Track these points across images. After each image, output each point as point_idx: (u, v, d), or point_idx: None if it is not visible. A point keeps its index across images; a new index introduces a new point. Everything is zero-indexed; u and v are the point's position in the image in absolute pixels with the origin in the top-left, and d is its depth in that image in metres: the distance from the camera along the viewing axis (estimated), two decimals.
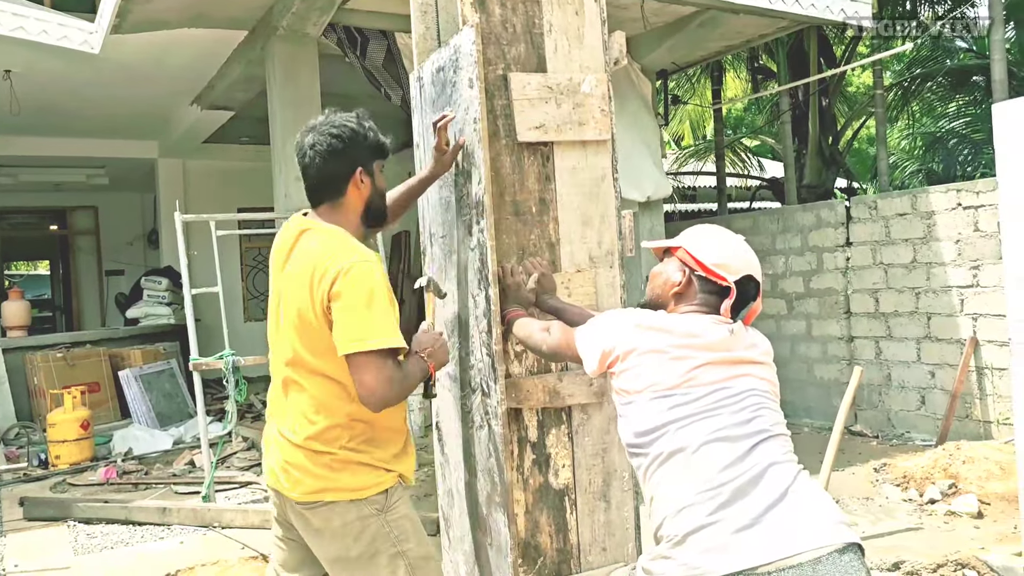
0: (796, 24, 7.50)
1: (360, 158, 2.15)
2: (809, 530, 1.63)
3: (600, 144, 2.40)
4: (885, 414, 7.12)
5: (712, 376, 1.77)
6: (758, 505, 1.65)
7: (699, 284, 1.89)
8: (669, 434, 1.74)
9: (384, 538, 2.10)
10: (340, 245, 2.07)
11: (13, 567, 4.57)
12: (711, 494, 1.66)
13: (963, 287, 6.49)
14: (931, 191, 6.77)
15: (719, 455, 1.70)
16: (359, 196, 2.17)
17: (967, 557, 4.01)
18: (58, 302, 15.49)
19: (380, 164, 2.21)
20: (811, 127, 10.17)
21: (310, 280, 2.03)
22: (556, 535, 2.37)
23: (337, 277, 1.99)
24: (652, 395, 1.77)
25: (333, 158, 2.14)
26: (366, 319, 1.98)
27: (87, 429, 7.06)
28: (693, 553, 1.64)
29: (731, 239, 1.95)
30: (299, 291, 2.07)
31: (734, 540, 1.62)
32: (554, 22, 2.36)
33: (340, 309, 1.99)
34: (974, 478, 5.08)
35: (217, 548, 4.67)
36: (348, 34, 6.62)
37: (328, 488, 2.08)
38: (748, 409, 1.76)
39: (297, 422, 2.12)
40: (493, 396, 2.26)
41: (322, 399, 2.10)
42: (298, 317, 2.08)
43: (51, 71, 7.34)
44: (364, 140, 2.16)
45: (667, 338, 1.80)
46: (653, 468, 1.76)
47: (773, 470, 1.70)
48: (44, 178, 11.54)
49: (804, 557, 1.59)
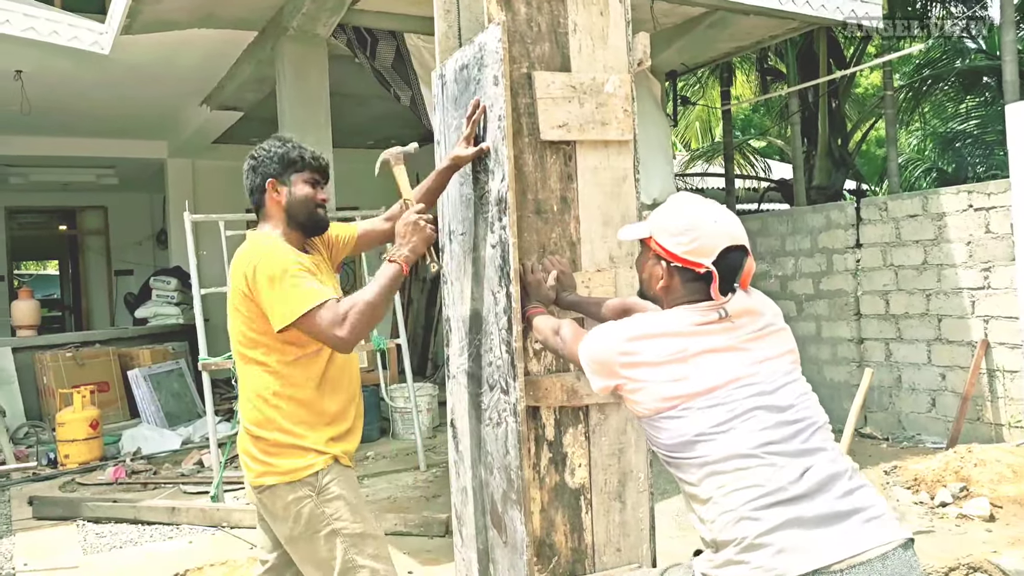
0: (806, 25, 7.48)
1: (271, 171, 2.43)
2: (874, 526, 1.63)
3: (622, 144, 2.39)
4: (895, 416, 7.10)
5: (729, 369, 1.74)
6: (824, 503, 1.64)
7: (680, 274, 1.83)
8: (711, 442, 1.70)
9: (319, 518, 2.29)
10: (253, 245, 2.37)
11: (23, 566, 4.57)
12: (776, 496, 1.64)
13: (974, 289, 6.47)
14: (942, 192, 6.75)
15: (774, 455, 1.67)
16: (277, 204, 2.43)
17: (979, 561, 3.98)
18: (67, 302, 15.56)
19: (303, 176, 2.44)
20: (820, 128, 10.16)
21: (235, 279, 2.33)
22: (571, 534, 2.36)
23: (250, 271, 2.26)
24: (675, 408, 1.73)
25: (250, 174, 2.47)
26: (284, 294, 2.21)
27: (96, 428, 7.07)
28: (767, 556, 1.62)
29: (698, 216, 1.83)
30: (231, 289, 2.36)
31: (805, 540, 1.61)
32: (579, 22, 2.36)
33: (262, 297, 2.24)
34: (986, 481, 5.05)
35: (226, 548, 4.67)
36: (358, 34, 6.62)
37: (268, 472, 2.31)
38: (786, 398, 1.74)
39: (243, 409, 2.39)
40: (512, 393, 2.25)
41: (255, 386, 2.34)
42: (232, 311, 2.36)
43: (61, 71, 7.37)
44: (274, 156, 2.44)
45: (664, 344, 1.76)
46: (702, 476, 1.71)
47: (830, 466, 1.69)
48: (54, 178, 11.60)
49: (872, 554, 1.60)
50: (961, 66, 11.52)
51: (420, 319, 10.90)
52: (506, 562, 2.37)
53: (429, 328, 10.69)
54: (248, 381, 2.37)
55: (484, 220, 2.39)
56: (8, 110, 8.17)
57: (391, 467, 6.31)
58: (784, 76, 11.26)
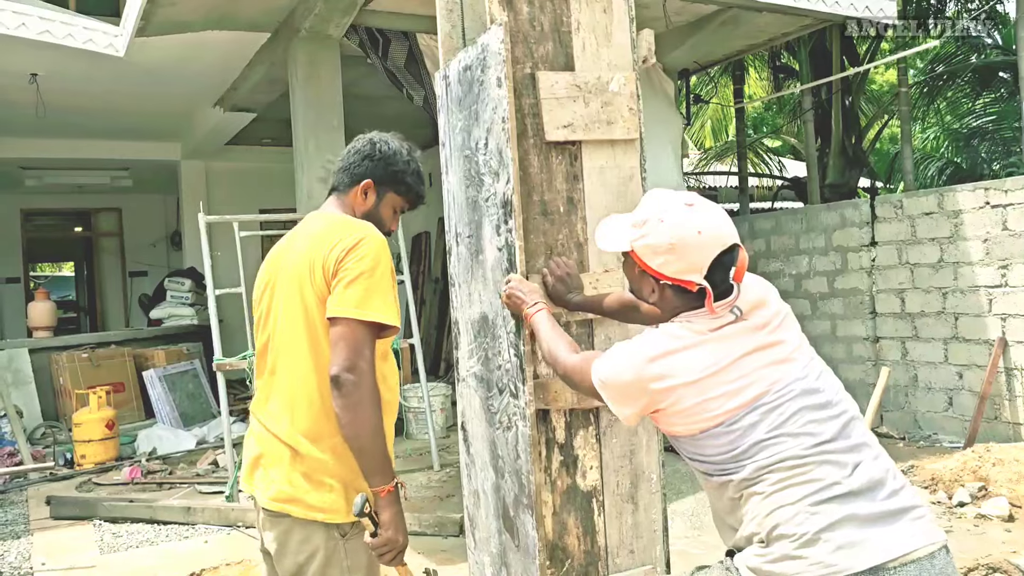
0: (819, 22, 7.43)
1: (376, 172, 2.21)
2: (922, 525, 1.64)
3: (628, 143, 2.37)
4: (912, 416, 7.04)
5: (767, 372, 1.69)
6: (875, 501, 1.64)
7: (671, 290, 1.75)
8: (766, 448, 1.66)
9: (337, 565, 2.03)
10: (348, 221, 2.12)
11: (40, 565, 4.61)
12: (832, 491, 1.63)
13: (991, 287, 6.40)
14: (958, 190, 6.68)
15: (828, 452, 1.66)
16: (358, 204, 2.22)
17: (998, 561, 3.95)
18: (82, 303, 15.68)
19: (397, 200, 2.26)
20: (834, 126, 10.08)
21: (313, 255, 2.02)
22: (584, 537, 2.35)
23: (348, 248, 2.00)
24: (722, 424, 1.69)
25: (358, 156, 2.23)
26: (367, 289, 1.97)
27: (112, 429, 7.12)
28: (826, 552, 1.59)
29: (681, 229, 1.71)
30: (299, 269, 2.04)
31: (862, 536, 1.60)
32: (582, 20, 2.33)
33: (343, 278, 1.97)
34: (1004, 481, 5.00)
35: (241, 547, 4.69)
36: (370, 35, 6.64)
37: (299, 500, 2.01)
38: (827, 391, 1.73)
39: (284, 412, 2.05)
40: (521, 397, 2.24)
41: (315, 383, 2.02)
42: (295, 293, 2.04)
43: (76, 74, 7.42)
44: (391, 164, 2.22)
45: (693, 359, 1.70)
46: (755, 475, 1.67)
47: (876, 464, 1.68)
48: (69, 180, 11.69)
49: (922, 552, 1.60)
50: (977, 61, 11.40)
51: (433, 320, 10.91)
52: (519, 566, 2.36)
53: (442, 328, 10.70)
54: (306, 377, 2.03)
55: (490, 223, 2.38)
56: (24, 113, 8.25)
57: (405, 467, 6.32)
58: (797, 74, 11.19)
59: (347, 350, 1.92)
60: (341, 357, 1.92)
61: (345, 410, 1.93)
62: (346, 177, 2.23)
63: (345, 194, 2.23)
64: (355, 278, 1.96)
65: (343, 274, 1.97)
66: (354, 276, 1.97)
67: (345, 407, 1.93)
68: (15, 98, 7.96)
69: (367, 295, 1.96)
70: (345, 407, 1.93)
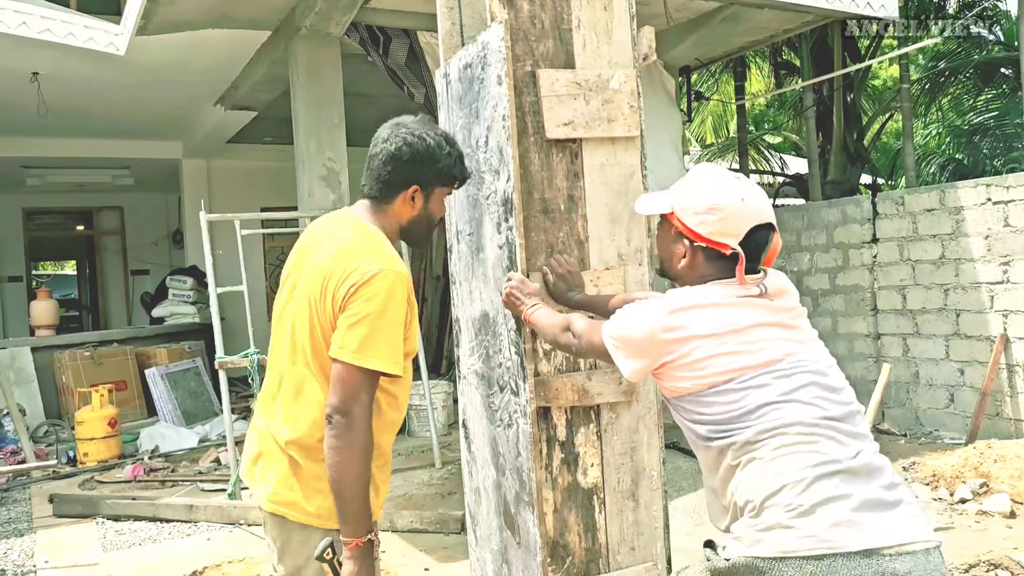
0: (821, 19, 7.43)
1: (421, 177, 2.03)
2: (918, 521, 1.63)
3: (629, 141, 2.37)
4: (913, 412, 7.04)
5: (783, 343, 1.71)
6: (874, 488, 1.62)
7: (704, 254, 1.77)
8: (776, 410, 1.65)
9: (319, 569, 1.98)
10: (372, 245, 1.97)
11: (43, 563, 4.62)
12: (835, 466, 1.61)
13: (993, 283, 6.40)
14: (960, 186, 6.68)
15: (835, 430, 1.65)
16: (406, 211, 2.07)
17: (1000, 557, 3.95)
18: (85, 301, 15.70)
19: (445, 191, 2.11)
20: (836, 122, 10.07)
21: (328, 274, 1.93)
22: (585, 534, 2.36)
23: (359, 284, 1.89)
24: (733, 381, 1.68)
25: (396, 163, 2.02)
26: (371, 332, 1.87)
27: (114, 427, 7.13)
28: (822, 525, 1.56)
29: (725, 193, 1.75)
30: (315, 284, 1.95)
31: (859, 517, 1.57)
32: (583, 18, 2.33)
33: (349, 317, 1.88)
34: (1006, 477, 5.00)
35: (243, 545, 4.70)
36: (370, 33, 6.64)
37: (296, 504, 1.99)
38: (837, 380, 1.73)
39: (286, 421, 2.02)
40: (522, 395, 2.24)
41: (312, 406, 1.97)
42: (307, 307, 1.97)
43: (77, 73, 7.42)
44: (435, 163, 2.03)
45: (714, 315, 1.71)
46: (758, 438, 1.65)
47: (875, 456, 1.68)
48: (70, 179, 11.71)
49: (918, 546, 1.58)
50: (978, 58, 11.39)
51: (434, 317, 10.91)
52: (520, 563, 2.37)
53: (443, 326, 10.70)
54: (309, 393, 1.99)
55: (491, 221, 2.38)
56: (25, 112, 8.25)
57: (407, 464, 6.32)
58: (799, 70, 11.18)
59: (343, 393, 1.86)
60: (336, 398, 1.87)
61: (332, 451, 1.86)
62: (384, 187, 2.05)
63: (387, 203, 2.06)
64: (360, 320, 1.87)
65: (350, 312, 1.88)
66: (360, 318, 1.87)
67: (332, 448, 1.86)
68: (16, 97, 7.97)
69: (370, 339, 1.87)
70: (332, 448, 1.86)
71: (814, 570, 1.55)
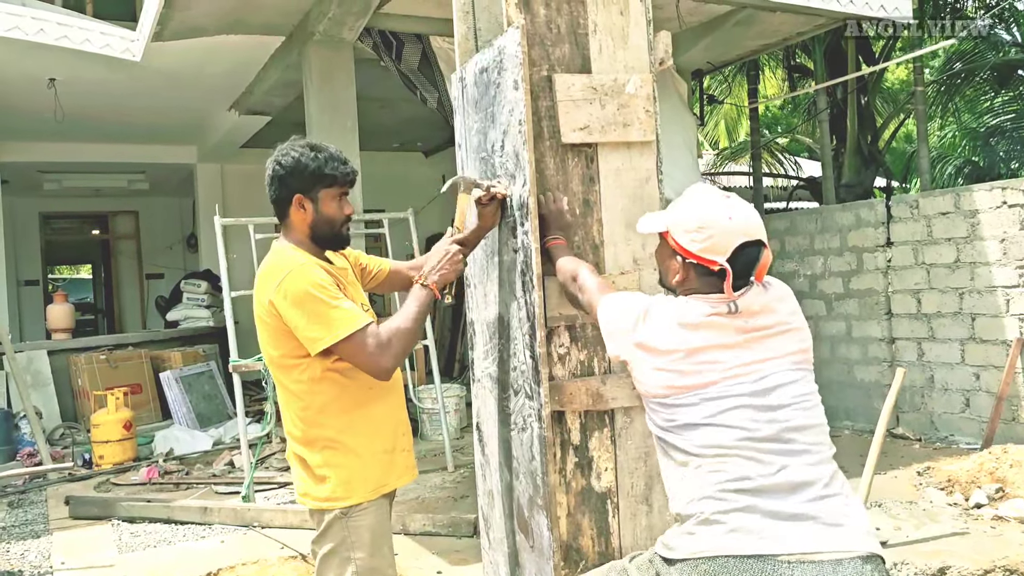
0: (834, 21, 7.40)
1: (299, 185, 2.27)
2: (837, 532, 1.67)
3: (645, 145, 2.38)
4: (928, 417, 6.99)
5: (728, 365, 1.77)
6: (790, 503, 1.69)
7: (695, 270, 1.87)
8: (697, 432, 1.77)
9: (341, 542, 2.28)
10: (274, 263, 2.26)
11: (60, 564, 4.66)
12: (743, 484, 1.71)
13: (1009, 287, 6.35)
14: (975, 189, 6.63)
15: (753, 450, 1.72)
16: (302, 220, 2.31)
17: (1016, 563, 3.92)
18: (100, 305, 15.81)
19: (331, 192, 2.31)
20: (849, 125, 10.02)
21: (257, 301, 2.25)
22: (598, 538, 2.36)
23: (275, 301, 2.16)
24: (669, 397, 1.80)
25: (276, 184, 2.30)
26: (317, 318, 2.14)
27: (130, 430, 7.18)
28: (718, 533, 1.70)
29: (712, 213, 1.84)
30: (256, 303, 2.27)
31: (759, 526, 1.67)
32: (599, 22, 2.34)
33: (294, 324, 2.16)
34: (1022, 482, 4.96)
35: (257, 547, 4.72)
36: (383, 38, 6.66)
37: (309, 494, 2.31)
38: (781, 398, 1.77)
39: (286, 427, 2.36)
40: (536, 399, 2.25)
41: (290, 404, 2.31)
42: (259, 323, 2.27)
43: (94, 78, 7.49)
44: (304, 169, 2.26)
45: (672, 334, 1.81)
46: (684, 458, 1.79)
47: (807, 470, 1.72)
48: (86, 183, 11.80)
49: (825, 556, 1.63)
50: (995, 59, 11.30)
51: (447, 321, 10.92)
52: (533, 566, 2.37)
53: (456, 329, 10.72)
54: (287, 401, 2.32)
55: (506, 224, 2.39)
56: (42, 117, 8.33)
57: (420, 467, 6.29)
58: (812, 73, 11.14)
59: (359, 357, 2.17)
60: (365, 365, 2.19)
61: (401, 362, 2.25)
62: (278, 207, 2.33)
63: (287, 219, 2.33)
64: (303, 319, 2.14)
65: (292, 322, 2.16)
66: (301, 319, 2.14)
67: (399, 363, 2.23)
68: (34, 102, 8.05)
69: (325, 320, 2.13)
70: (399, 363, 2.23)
71: (708, 568, 1.69)
